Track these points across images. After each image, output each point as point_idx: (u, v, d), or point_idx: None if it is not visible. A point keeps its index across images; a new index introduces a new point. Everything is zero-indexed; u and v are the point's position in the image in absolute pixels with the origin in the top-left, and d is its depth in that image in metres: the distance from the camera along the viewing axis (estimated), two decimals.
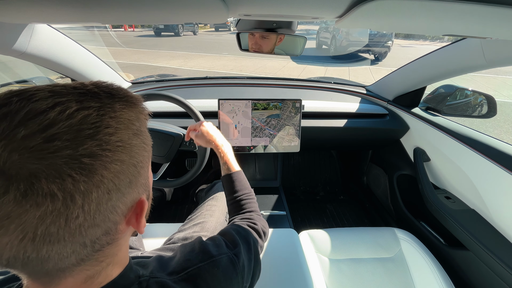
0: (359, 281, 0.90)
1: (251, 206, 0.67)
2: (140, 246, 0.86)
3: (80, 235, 0.26)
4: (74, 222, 0.25)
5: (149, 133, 0.34)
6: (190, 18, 0.60)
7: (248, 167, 1.72)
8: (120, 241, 0.32)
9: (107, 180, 0.26)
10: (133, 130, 0.29)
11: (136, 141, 0.29)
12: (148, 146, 0.33)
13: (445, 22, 0.49)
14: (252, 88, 1.49)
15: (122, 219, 0.30)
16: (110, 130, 0.26)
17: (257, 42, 0.84)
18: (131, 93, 0.32)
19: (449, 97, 1.16)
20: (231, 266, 0.44)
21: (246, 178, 0.73)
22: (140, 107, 0.32)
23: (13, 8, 0.50)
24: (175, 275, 0.39)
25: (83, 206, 0.25)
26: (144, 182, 0.33)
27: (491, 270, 0.86)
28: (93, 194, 0.25)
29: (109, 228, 0.29)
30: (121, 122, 0.28)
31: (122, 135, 0.27)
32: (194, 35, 14.56)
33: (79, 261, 0.28)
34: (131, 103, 0.30)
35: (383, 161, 1.59)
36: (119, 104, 0.29)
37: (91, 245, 0.28)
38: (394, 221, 1.48)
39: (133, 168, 0.29)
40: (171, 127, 1.01)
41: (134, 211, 0.32)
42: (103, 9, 0.49)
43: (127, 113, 0.29)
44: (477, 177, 0.95)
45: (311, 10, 0.51)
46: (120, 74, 1.36)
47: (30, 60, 0.86)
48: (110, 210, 0.27)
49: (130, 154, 0.28)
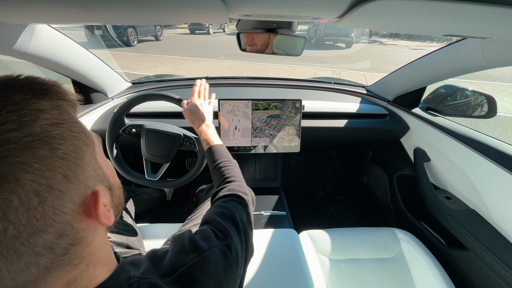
0: (359, 281, 0.90)
1: (230, 172, 0.68)
2: (140, 247, 0.86)
3: (23, 246, 0.23)
4: (5, 236, 0.22)
5: (149, 133, 0.33)
6: (190, 18, 0.61)
7: (248, 167, 1.72)
8: (88, 239, 0.30)
9: (28, 182, 0.23)
10: (48, 120, 0.26)
11: (58, 131, 0.26)
12: (81, 134, 0.29)
13: (445, 22, 0.49)
14: (252, 88, 1.49)
15: (75, 217, 0.27)
16: (10, 126, 0.23)
17: (251, 38, 0.87)
18: (42, 80, 0.28)
19: (449, 97, 1.16)
20: (223, 258, 0.43)
21: (226, 150, 0.77)
22: (57, 93, 0.28)
23: (13, 8, 0.50)
24: (166, 278, 0.38)
25: (6, 216, 0.22)
26: (93, 174, 0.30)
27: (491, 270, 0.86)
28: (14, 201, 0.22)
29: (62, 229, 0.26)
30: (25, 115, 0.24)
31: (31, 129, 0.24)
32: (192, 35, 13.09)
33: (45, 269, 0.26)
34: (41, 91, 0.27)
35: (383, 161, 1.58)
36: (21, 95, 0.25)
37: (49, 251, 0.25)
38: (394, 221, 1.48)
39: (63, 161, 0.26)
40: (171, 127, 1.01)
41: (89, 205, 0.29)
42: (103, 9, 0.49)
43: (36, 102, 0.26)
44: (477, 177, 0.94)
45: (311, 10, 0.51)
46: (120, 74, 1.36)
47: (30, 60, 0.86)
48: (52, 212, 0.25)
49: (50, 148, 0.25)
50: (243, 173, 0.73)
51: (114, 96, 1.32)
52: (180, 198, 1.69)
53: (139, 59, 7.38)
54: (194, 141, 0.99)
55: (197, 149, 0.99)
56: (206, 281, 0.39)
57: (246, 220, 0.54)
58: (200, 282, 0.39)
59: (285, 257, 0.88)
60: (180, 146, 0.99)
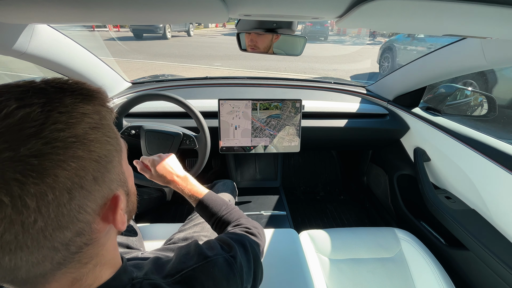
0: (359, 281, 0.90)
1: (234, 216, 0.65)
2: (140, 247, 0.86)
3: (46, 239, 0.24)
4: (34, 227, 0.23)
5: (149, 134, 0.34)
6: (190, 18, 0.61)
7: (248, 167, 1.72)
8: (101, 240, 0.31)
9: (64, 179, 0.24)
10: (90, 124, 0.28)
11: (96, 135, 0.28)
12: (114, 139, 0.31)
13: (445, 22, 0.49)
14: (252, 88, 1.49)
15: (95, 218, 0.29)
16: (59, 126, 0.25)
17: (253, 39, 0.85)
18: (88, 86, 0.30)
19: (449, 97, 1.16)
20: (227, 266, 0.43)
21: (217, 195, 0.70)
22: (100, 99, 0.30)
23: (13, 8, 0.50)
24: (169, 278, 0.38)
25: (39, 209, 0.23)
26: (116, 178, 0.32)
27: (491, 270, 0.86)
28: (49, 195, 0.23)
29: (81, 228, 0.27)
30: (73, 117, 0.26)
31: (75, 130, 0.26)
32: (189, 36, 11.79)
33: (56, 265, 0.27)
34: (87, 96, 0.29)
35: (383, 161, 1.59)
36: (71, 98, 0.27)
37: (65, 248, 0.26)
38: (394, 221, 1.48)
39: (96, 164, 0.27)
40: (170, 127, 1.01)
41: (109, 208, 0.30)
42: (103, 9, 0.50)
43: (82, 106, 0.28)
44: (477, 177, 0.94)
45: (311, 10, 0.51)
46: (121, 74, 1.36)
47: (30, 61, 0.86)
48: (77, 210, 0.26)
49: (88, 150, 0.27)
50: (243, 173, 0.72)
51: (114, 96, 1.32)
52: (180, 198, 1.69)
53: (121, 67, 5.66)
54: (194, 139, 0.99)
55: (197, 147, 0.99)
56: (209, 284, 0.39)
57: (257, 248, 0.55)
58: (203, 285, 0.39)
59: (285, 257, 0.88)
60: (180, 145, 0.99)
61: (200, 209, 0.68)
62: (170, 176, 0.72)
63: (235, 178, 1.61)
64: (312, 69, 6.55)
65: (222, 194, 1.04)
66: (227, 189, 1.09)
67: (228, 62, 7.01)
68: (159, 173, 0.72)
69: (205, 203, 0.67)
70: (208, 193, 0.70)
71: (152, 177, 0.74)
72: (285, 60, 7.00)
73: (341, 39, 13.60)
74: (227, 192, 1.08)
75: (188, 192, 0.70)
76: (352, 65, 7.09)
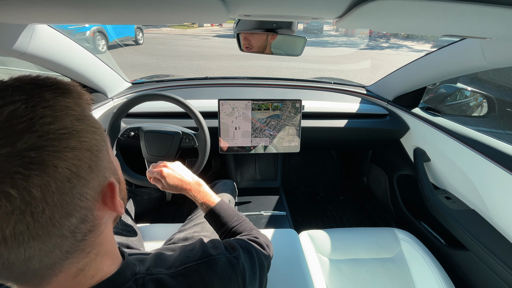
0: (359, 281, 0.90)
1: (246, 227, 0.64)
2: (140, 247, 0.86)
3: (55, 227, 0.26)
4: (42, 216, 0.25)
5: (148, 135, 0.34)
6: (190, 19, 0.61)
7: (248, 167, 1.72)
8: (101, 228, 0.32)
9: (63, 169, 0.26)
10: (75, 116, 0.28)
11: (82, 126, 0.29)
12: (99, 129, 0.32)
13: (445, 22, 0.49)
14: (252, 88, 1.49)
15: (95, 204, 0.30)
16: (47, 120, 0.26)
17: (247, 37, 0.84)
18: (62, 80, 0.30)
19: (449, 97, 1.16)
20: (230, 266, 0.44)
21: (229, 205, 0.69)
22: (77, 92, 0.31)
23: (13, 8, 0.50)
24: (173, 269, 0.40)
25: (45, 199, 0.24)
26: (107, 166, 0.33)
27: (491, 270, 0.86)
28: (52, 185, 0.25)
29: (85, 215, 0.29)
30: (57, 110, 0.27)
31: (63, 122, 0.27)
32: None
33: (65, 253, 0.28)
34: (65, 90, 0.29)
35: (383, 161, 1.59)
36: (50, 93, 0.28)
37: (72, 235, 0.28)
38: (394, 221, 1.48)
39: (88, 153, 0.29)
40: (169, 126, 1.01)
41: (107, 195, 0.32)
42: (103, 9, 0.50)
43: (63, 100, 0.28)
44: (477, 177, 0.94)
45: (311, 10, 0.51)
46: (120, 74, 1.36)
47: (30, 61, 0.86)
48: (78, 197, 0.28)
49: (79, 140, 0.28)
50: (243, 173, 0.72)
51: (114, 96, 1.32)
52: (180, 198, 1.69)
53: None
54: (193, 137, 0.99)
55: (197, 145, 0.99)
56: (211, 281, 0.40)
57: (263, 258, 0.55)
58: (204, 280, 0.40)
59: (285, 257, 0.88)
60: (180, 144, 0.99)
61: (211, 217, 0.67)
62: (181, 185, 0.71)
63: (235, 178, 1.61)
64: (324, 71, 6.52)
65: (222, 194, 1.04)
66: (227, 189, 1.09)
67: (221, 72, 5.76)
68: (170, 184, 0.71)
69: (217, 212, 0.66)
70: (220, 202, 0.69)
71: (164, 188, 0.72)
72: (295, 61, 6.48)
73: (351, 40, 13.50)
74: (227, 192, 1.08)
75: (200, 200, 0.69)
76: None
